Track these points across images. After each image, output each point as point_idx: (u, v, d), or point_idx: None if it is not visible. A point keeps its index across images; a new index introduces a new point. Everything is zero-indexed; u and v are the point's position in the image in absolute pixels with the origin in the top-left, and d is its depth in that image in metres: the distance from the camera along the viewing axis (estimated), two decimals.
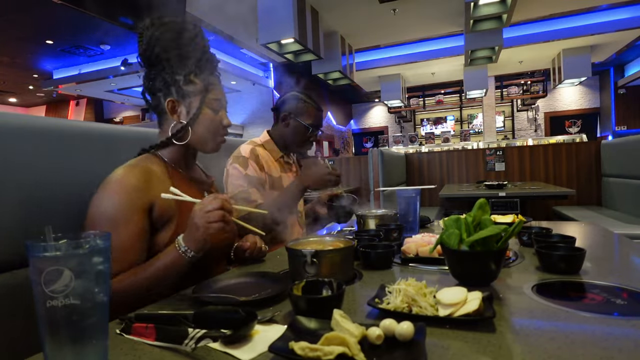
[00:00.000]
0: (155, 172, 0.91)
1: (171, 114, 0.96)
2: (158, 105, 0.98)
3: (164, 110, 0.97)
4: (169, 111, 0.96)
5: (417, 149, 6.46)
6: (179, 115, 0.97)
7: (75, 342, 0.44)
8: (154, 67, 0.96)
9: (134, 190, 0.85)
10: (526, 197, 3.03)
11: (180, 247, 0.79)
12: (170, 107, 0.96)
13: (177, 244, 0.80)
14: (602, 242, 1.19)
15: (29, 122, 0.89)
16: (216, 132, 1.00)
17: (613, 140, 3.86)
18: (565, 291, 0.73)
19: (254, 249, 1.07)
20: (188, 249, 0.79)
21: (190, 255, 0.79)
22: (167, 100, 0.96)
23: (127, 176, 0.87)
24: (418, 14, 5.26)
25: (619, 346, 0.50)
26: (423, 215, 1.47)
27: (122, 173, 0.87)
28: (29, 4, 4.83)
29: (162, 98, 0.96)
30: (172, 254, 0.80)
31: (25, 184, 0.85)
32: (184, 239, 0.80)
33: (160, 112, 0.99)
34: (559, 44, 6.45)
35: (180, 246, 0.79)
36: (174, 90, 0.95)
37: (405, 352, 0.49)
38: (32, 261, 0.43)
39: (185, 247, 0.79)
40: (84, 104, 10.29)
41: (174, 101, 0.96)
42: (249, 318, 0.58)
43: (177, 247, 0.79)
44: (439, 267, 0.92)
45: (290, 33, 3.90)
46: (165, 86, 0.95)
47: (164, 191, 0.84)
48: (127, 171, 0.88)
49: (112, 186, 0.85)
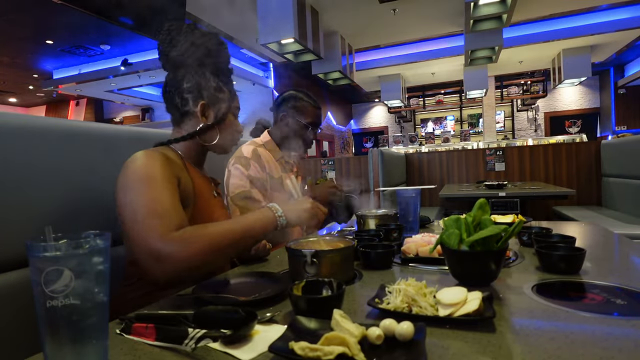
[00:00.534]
0: (173, 158, 0.95)
1: (201, 115, 1.02)
2: (183, 105, 1.02)
3: (191, 111, 1.02)
4: (199, 113, 1.01)
5: (417, 149, 6.47)
6: (207, 118, 1.03)
7: (75, 342, 0.44)
8: (181, 70, 1.01)
9: (162, 162, 0.89)
10: (526, 197, 3.03)
11: (277, 211, 0.90)
12: (201, 109, 1.02)
13: (274, 209, 0.90)
14: (602, 242, 1.19)
15: (29, 122, 0.89)
16: (233, 137, 1.08)
17: (613, 140, 3.86)
18: (565, 291, 0.73)
19: (259, 247, 1.07)
20: (283, 216, 0.90)
21: (283, 223, 0.90)
22: (200, 103, 1.01)
23: (151, 153, 0.90)
24: (418, 14, 5.26)
25: (619, 346, 0.50)
26: (423, 215, 1.47)
27: (144, 152, 0.90)
28: (29, 4, 4.83)
29: (190, 100, 1.01)
30: (267, 215, 0.89)
31: (25, 184, 0.85)
32: (281, 207, 0.91)
33: (183, 112, 1.03)
34: (559, 44, 6.46)
35: (277, 210, 0.90)
36: (205, 94, 1.01)
37: (405, 352, 0.49)
38: (32, 261, 0.43)
39: (282, 213, 0.90)
40: (84, 104, 10.29)
41: (205, 105, 1.02)
42: (249, 318, 0.58)
43: (274, 211, 0.90)
44: (439, 267, 0.92)
45: (290, 33, 3.90)
46: (198, 90, 1.01)
47: (184, 176, 0.92)
48: (149, 151, 0.91)
49: (141, 159, 0.87)
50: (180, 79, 1.01)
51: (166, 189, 0.84)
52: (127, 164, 0.88)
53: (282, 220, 0.89)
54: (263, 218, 0.88)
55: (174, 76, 1.02)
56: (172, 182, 0.88)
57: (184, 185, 0.92)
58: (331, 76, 5.73)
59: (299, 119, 1.60)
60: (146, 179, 0.84)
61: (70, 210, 0.93)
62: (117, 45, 6.55)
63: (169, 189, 0.85)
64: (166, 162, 0.90)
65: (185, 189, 0.92)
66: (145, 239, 0.77)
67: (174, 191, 0.86)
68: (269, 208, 0.90)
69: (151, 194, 0.82)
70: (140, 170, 0.85)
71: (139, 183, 0.83)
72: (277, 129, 1.65)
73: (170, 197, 0.84)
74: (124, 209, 0.83)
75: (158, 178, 0.85)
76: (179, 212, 0.84)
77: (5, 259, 0.81)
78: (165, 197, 0.83)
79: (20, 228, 0.83)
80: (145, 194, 0.82)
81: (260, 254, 1.08)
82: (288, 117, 1.61)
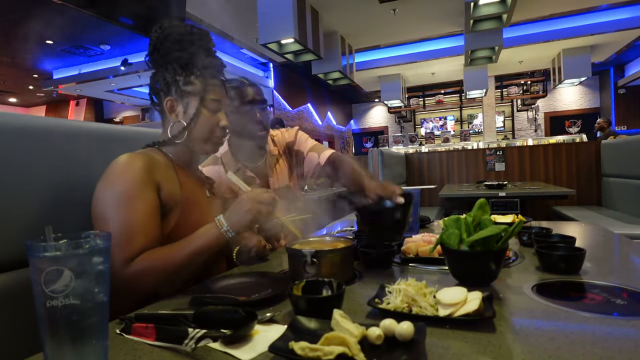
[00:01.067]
0: (159, 161, 0.93)
1: (169, 112, 0.99)
2: (158, 104, 1.01)
3: (163, 109, 1.00)
4: (167, 110, 0.98)
5: (417, 149, 6.47)
6: (177, 114, 0.99)
7: (75, 342, 0.44)
8: (159, 68, 0.99)
9: (141, 169, 0.86)
10: (526, 197, 3.03)
11: (222, 226, 0.84)
12: (169, 106, 0.98)
13: (219, 223, 0.85)
14: (602, 242, 1.19)
15: (29, 122, 0.89)
16: (212, 132, 1.00)
17: (613, 140, 3.86)
18: (565, 291, 0.73)
19: (259, 248, 1.07)
20: (229, 229, 0.84)
21: (231, 235, 0.84)
22: (166, 100, 0.98)
23: (133, 158, 0.88)
24: (418, 14, 5.26)
25: (619, 346, 0.50)
26: (423, 215, 1.47)
27: (127, 157, 0.88)
28: (29, 4, 4.83)
29: (162, 97, 0.99)
30: (213, 232, 0.84)
31: (26, 184, 0.85)
32: (225, 219, 0.85)
33: (162, 111, 1.02)
34: (559, 44, 6.46)
35: (222, 225, 0.84)
36: (173, 90, 0.97)
37: (405, 352, 0.49)
38: (32, 261, 0.43)
39: (227, 227, 0.84)
40: (84, 104, 10.28)
41: (173, 100, 0.98)
42: (249, 318, 0.58)
43: (219, 226, 0.84)
44: (439, 267, 0.92)
45: (290, 33, 3.90)
46: (166, 86, 0.97)
47: (170, 179, 0.89)
48: (132, 155, 0.89)
49: (120, 167, 0.86)
50: (154, 77, 1.00)
51: (138, 205, 0.83)
52: (108, 171, 0.86)
53: (229, 233, 0.84)
54: (211, 235, 0.84)
55: (151, 75, 1.01)
56: (148, 193, 0.85)
57: (168, 190, 0.90)
58: (331, 76, 5.72)
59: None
60: (120, 195, 0.82)
61: (70, 210, 0.93)
62: (117, 45, 6.55)
63: (141, 204, 0.83)
64: (147, 168, 0.87)
65: (170, 193, 0.90)
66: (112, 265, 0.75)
67: (147, 204, 0.84)
68: (214, 223, 0.85)
69: (121, 214, 0.81)
70: (117, 184, 0.84)
71: (112, 199, 0.82)
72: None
73: (140, 215, 0.82)
74: (96, 222, 0.83)
75: (132, 193, 0.83)
76: (146, 231, 0.82)
77: (5, 259, 0.81)
78: (134, 216, 0.81)
79: (20, 228, 0.83)
80: (116, 212, 0.81)
81: (260, 254, 1.08)
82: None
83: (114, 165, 0.87)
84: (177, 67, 0.97)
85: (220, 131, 1.01)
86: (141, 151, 0.94)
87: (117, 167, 0.86)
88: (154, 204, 0.86)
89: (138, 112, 10.41)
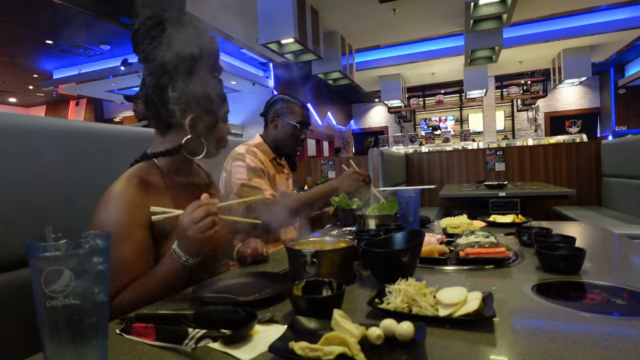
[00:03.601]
0: (153, 185, 0.90)
1: (190, 128, 0.92)
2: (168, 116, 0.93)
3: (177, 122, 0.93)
4: (188, 126, 0.92)
5: (417, 149, 6.47)
6: (197, 131, 0.94)
7: (75, 342, 0.44)
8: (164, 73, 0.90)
9: (133, 205, 0.84)
10: (526, 197, 3.03)
11: (180, 257, 0.79)
12: (191, 123, 0.92)
13: (175, 254, 0.79)
14: (602, 242, 1.19)
15: (29, 122, 0.89)
16: (222, 142, 1.02)
17: (613, 140, 3.86)
18: (565, 291, 0.73)
19: (256, 255, 1.07)
20: (187, 258, 0.79)
21: (191, 262, 0.80)
22: (190, 117, 0.92)
23: (127, 191, 0.85)
24: (418, 14, 5.26)
25: (619, 346, 0.50)
26: (423, 215, 1.47)
27: (121, 187, 0.86)
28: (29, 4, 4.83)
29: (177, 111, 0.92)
30: (172, 263, 0.80)
31: (26, 184, 0.85)
32: (180, 248, 0.79)
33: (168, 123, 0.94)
34: (559, 44, 6.46)
35: (179, 256, 0.79)
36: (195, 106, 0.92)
37: (405, 352, 0.49)
38: (32, 261, 0.43)
39: (184, 256, 0.79)
40: (83, 104, 10.29)
41: (195, 117, 0.92)
42: (249, 318, 0.58)
43: (177, 257, 0.79)
44: (439, 267, 0.92)
45: (290, 33, 3.90)
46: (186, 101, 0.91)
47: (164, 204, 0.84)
48: (126, 185, 0.86)
49: (112, 202, 0.85)
50: (164, 85, 0.91)
51: (128, 245, 0.82)
52: (104, 200, 0.85)
53: (190, 261, 0.79)
54: (172, 267, 0.80)
55: (156, 81, 0.91)
56: (139, 231, 0.85)
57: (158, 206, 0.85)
58: (331, 76, 5.72)
59: (288, 120, 1.67)
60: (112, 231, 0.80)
61: (70, 210, 0.93)
62: (117, 45, 6.55)
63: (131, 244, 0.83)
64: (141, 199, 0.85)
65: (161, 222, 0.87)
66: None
67: (137, 244, 0.84)
68: (171, 255, 0.81)
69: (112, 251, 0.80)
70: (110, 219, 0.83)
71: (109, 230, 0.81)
72: (268, 132, 1.72)
73: (129, 254, 0.82)
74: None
75: (123, 231, 0.82)
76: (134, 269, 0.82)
77: (5, 259, 0.81)
78: (124, 255, 0.81)
79: (20, 228, 0.83)
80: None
81: (258, 259, 1.08)
82: (278, 119, 1.69)
83: (108, 195, 0.85)
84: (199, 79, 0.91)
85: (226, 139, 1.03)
86: (134, 172, 0.90)
87: (112, 200, 0.84)
88: (145, 241, 0.86)
89: None
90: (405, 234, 0.88)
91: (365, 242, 0.84)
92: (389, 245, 0.86)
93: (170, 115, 0.92)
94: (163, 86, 0.91)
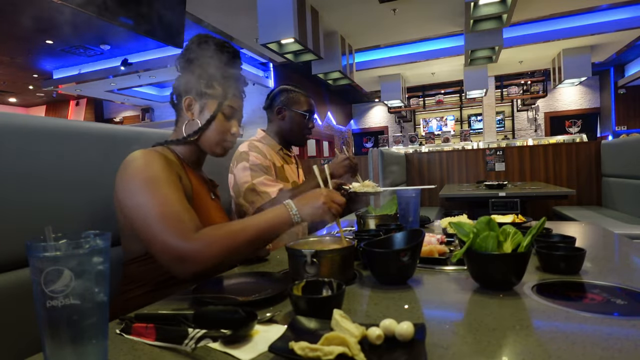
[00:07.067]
0: (171, 160, 0.95)
1: (186, 110, 1.01)
2: (176, 104, 1.05)
3: (179, 107, 1.03)
4: (185, 108, 1.01)
5: (417, 149, 6.47)
6: (193, 113, 1.02)
7: (75, 342, 0.44)
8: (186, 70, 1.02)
9: (163, 160, 0.89)
10: (526, 197, 3.03)
11: (291, 209, 0.87)
12: (187, 104, 1.01)
13: (289, 206, 0.88)
14: (602, 242, 1.19)
15: (29, 122, 0.89)
16: (224, 137, 1.04)
17: (613, 140, 3.86)
18: (565, 291, 0.73)
19: None
20: (298, 214, 0.87)
21: (298, 220, 0.87)
22: (185, 98, 1.01)
23: (151, 153, 0.90)
24: (418, 14, 5.25)
25: (619, 346, 0.50)
26: (423, 215, 1.47)
27: (144, 151, 0.90)
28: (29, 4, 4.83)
29: (182, 96, 1.02)
30: (282, 212, 0.87)
31: (25, 184, 0.85)
32: (295, 204, 0.88)
33: (178, 110, 1.05)
34: (559, 44, 6.45)
35: (291, 208, 0.87)
36: (194, 89, 1.01)
37: (405, 352, 0.49)
38: (32, 261, 0.43)
39: (296, 211, 0.87)
40: (84, 104, 10.29)
41: (191, 99, 1.01)
42: (249, 318, 0.58)
43: (289, 209, 0.87)
44: (439, 267, 0.92)
45: (290, 33, 3.90)
46: (186, 85, 1.01)
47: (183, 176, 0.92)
48: (148, 151, 0.91)
49: (142, 158, 0.88)
50: (177, 79, 1.04)
51: (173, 189, 0.85)
52: (127, 164, 0.88)
53: (296, 218, 0.87)
54: (278, 216, 0.87)
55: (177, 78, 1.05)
56: (176, 181, 0.89)
57: (183, 185, 0.93)
58: (331, 76, 5.72)
59: (296, 110, 1.66)
60: (151, 180, 0.84)
61: (70, 210, 0.93)
62: (117, 45, 6.55)
63: (176, 190, 0.86)
64: (166, 161, 0.90)
65: (185, 190, 0.92)
66: (165, 242, 0.78)
67: (181, 191, 0.87)
68: (284, 205, 0.89)
69: (161, 196, 0.82)
70: (144, 171, 0.85)
71: (145, 184, 0.83)
72: (273, 126, 1.71)
73: (180, 198, 0.85)
74: (132, 212, 0.83)
75: (163, 178, 0.85)
76: (191, 212, 0.84)
77: (5, 259, 0.81)
78: (175, 198, 0.83)
79: (20, 228, 0.83)
80: (154, 196, 0.82)
81: (261, 254, 1.09)
82: (284, 110, 1.67)
83: (133, 158, 0.88)
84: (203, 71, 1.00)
85: (231, 137, 1.05)
86: (153, 148, 0.96)
87: (139, 159, 0.88)
88: (183, 192, 0.89)
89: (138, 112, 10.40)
90: (405, 234, 0.88)
91: (365, 242, 0.84)
92: (389, 245, 0.86)
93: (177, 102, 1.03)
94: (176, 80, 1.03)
